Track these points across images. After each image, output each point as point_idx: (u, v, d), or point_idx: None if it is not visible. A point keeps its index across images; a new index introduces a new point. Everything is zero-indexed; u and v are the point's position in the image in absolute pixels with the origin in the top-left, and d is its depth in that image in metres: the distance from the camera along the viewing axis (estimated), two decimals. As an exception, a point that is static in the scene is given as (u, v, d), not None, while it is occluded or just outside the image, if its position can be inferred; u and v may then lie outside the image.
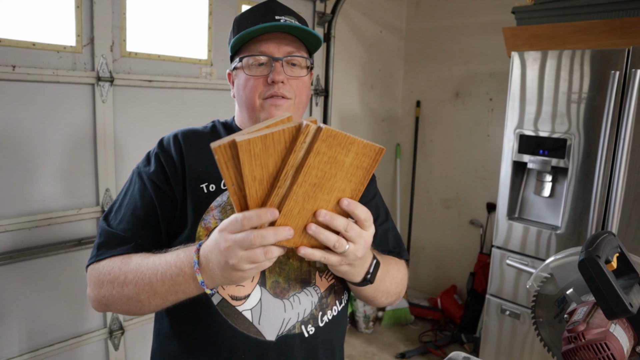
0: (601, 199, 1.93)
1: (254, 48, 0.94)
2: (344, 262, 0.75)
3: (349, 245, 0.72)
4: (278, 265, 0.92)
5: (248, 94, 0.95)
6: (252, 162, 0.63)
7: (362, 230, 0.73)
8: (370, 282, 0.84)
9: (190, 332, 0.94)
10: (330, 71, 2.99)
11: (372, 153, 0.69)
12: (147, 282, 0.81)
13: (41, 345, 1.94)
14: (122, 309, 0.87)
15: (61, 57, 1.87)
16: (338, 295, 1.00)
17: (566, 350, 0.80)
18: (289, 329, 0.92)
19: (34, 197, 1.87)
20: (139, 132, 2.13)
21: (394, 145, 3.76)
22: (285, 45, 0.94)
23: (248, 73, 0.95)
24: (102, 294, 0.87)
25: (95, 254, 0.92)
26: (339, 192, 0.70)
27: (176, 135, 0.99)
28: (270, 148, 0.63)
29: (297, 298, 0.93)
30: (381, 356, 2.95)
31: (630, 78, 1.81)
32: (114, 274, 0.85)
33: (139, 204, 0.93)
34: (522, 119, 2.16)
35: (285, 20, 0.94)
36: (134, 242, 0.90)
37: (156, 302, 0.82)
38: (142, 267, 0.82)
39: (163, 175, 0.94)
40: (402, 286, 1.02)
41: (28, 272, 1.87)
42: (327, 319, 0.97)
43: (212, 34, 2.34)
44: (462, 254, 3.47)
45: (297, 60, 0.96)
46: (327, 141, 0.65)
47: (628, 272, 0.84)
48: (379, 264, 0.86)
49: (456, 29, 3.36)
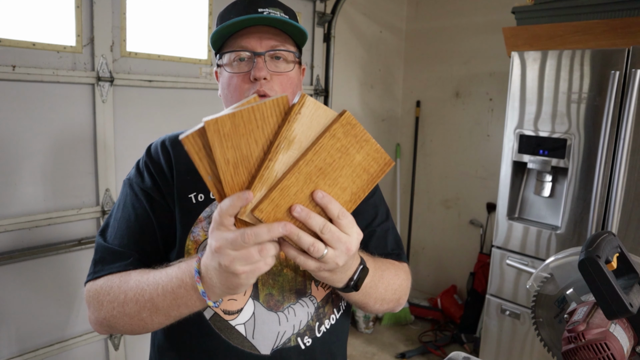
0: (601, 199, 1.93)
1: (235, 43, 0.89)
2: (323, 269, 0.68)
3: (327, 250, 0.65)
4: (271, 277, 0.89)
5: (232, 92, 0.90)
6: (223, 143, 0.59)
7: (342, 234, 0.66)
8: (354, 290, 0.77)
9: (184, 346, 0.91)
10: (330, 71, 2.99)
11: (381, 161, 0.67)
12: (148, 299, 0.77)
13: (41, 345, 1.94)
14: (125, 329, 0.82)
15: (61, 57, 1.87)
16: (336, 303, 0.96)
17: (566, 350, 0.80)
18: (285, 342, 0.89)
19: (34, 197, 1.87)
20: (139, 132, 2.13)
21: (394, 145, 3.76)
22: (267, 39, 0.88)
23: (230, 70, 0.90)
24: (102, 315, 0.83)
25: (93, 270, 0.88)
26: (340, 189, 0.66)
27: (163, 142, 0.94)
28: (241, 127, 0.60)
29: (292, 310, 0.90)
30: (381, 356, 2.95)
31: (630, 78, 1.81)
32: (113, 293, 0.81)
33: (132, 217, 0.89)
34: (522, 119, 2.16)
35: (269, 13, 0.88)
36: (131, 258, 0.86)
37: (159, 319, 0.78)
38: (142, 284, 0.78)
39: (155, 187, 0.90)
40: (400, 293, 0.95)
41: (28, 272, 1.87)
42: (324, 328, 0.94)
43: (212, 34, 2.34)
44: (462, 254, 3.47)
45: (282, 54, 0.90)
46: (346, 127, 0.63)
47: (628, 272, 0.84)
48: (366, 270, 0.78)
49: (456, 29, 3.36)
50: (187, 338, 0.90)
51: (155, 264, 0.83)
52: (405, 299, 0.98)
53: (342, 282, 0.75)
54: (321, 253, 0.65)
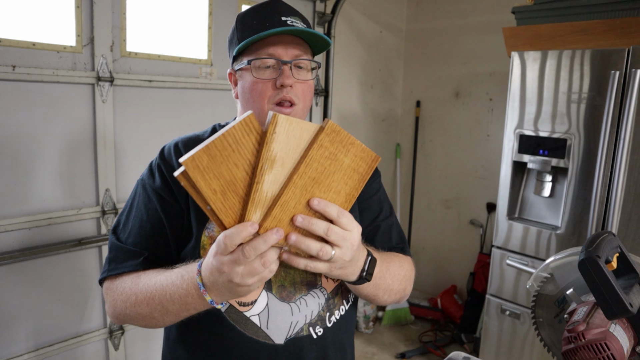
0: (601, 199, 1.93)
1: (262, 50, 0.92)
2: (334, 268, 0.73)
3: (334, 251, 0.70)
4: (283, 270, 0.93)
5: (256, 97, 0.92)
6: (205, 176, 0.62)
7: (345, 232, 0.70)
8: (367, 280, 0.82)
9: (199, 339, 0.94)
10: (330, 71, 2.99)
11: (369, 159, 0.71)
12: (157, 303, 0.82)
13: (41, 345, 1.94)
14: (139, 324, 0.89)
15: (61, 57, 1.87)
16: (345, 295, 1.00)
17: (566, 350, 0.80)
18: (297, 332, 0.93)
19: (34, 197, 1.87)
20: (139, 132, 2.13)
21: (394, 145, 3.76)
22: (292, 48, 0.92)
23: (256, 76, 0.92)
24: (117, 312, 0.90)
25: (107, 269, 0.93)
26: (334, 193, 0.70)
27: (177, 144, 0.98)
28: (218, 156, 0.63)
29: (304, 301, 0.94)
30: (381, 356, 2.95)
31: (630, 78, 1.81)
32: (126, 294, 0.88)
33: (145, 217, 0.93)
34: (522, 119, 2.16)
35: (292, 22, 0.92)
36: (142, 257, 0.91)
37: (170, 318, 0.84)
38: (151, 288, 0.84)
39: (167, 187, 0.94)
40: (406, 283, 1.00)
41: (28, 272, 1.87)
42: (334, 319, 0.98)
43: (212, 34, 2.34)
44: (462, 254, 3.47)
45: (304, 63, 0.94)
46: (331, 136, 0.66)
47: (628, 272, 0.84)
48: (375, 261, 0.83)
49: (456, 29, 3.36)
50: (202, 330, 0.93)
51: (166, 263, 0.89)
52: (410, 289, 1.03)
53: (355, 274, 0.80)
54: (330, 255, 0.69)
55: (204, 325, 0.92)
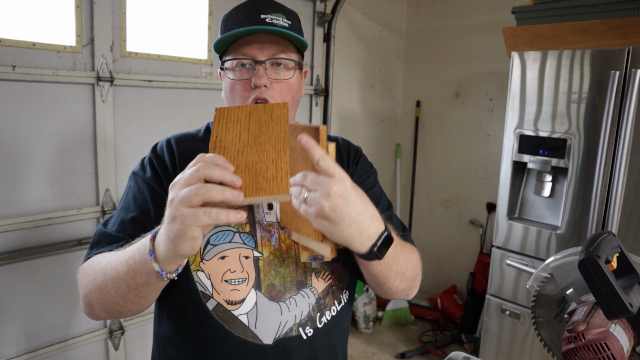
0: (601, 199, 1.93)
1: (238, 50, 0.93)
2: (321, 218, 0.69)
3: (307, 194, 0.69)
4: (273, 268, 0.92)
5: (234, 97, 0.95)
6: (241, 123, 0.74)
7: (320, 177, 0.68)
8: (377, 257, 0.76)
9: (188, 337, 0.93)
10: (330, 71, 2.99)
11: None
12: (113, 267, 0.80)
13: (41, 345, 1.94)
14: (100, 305, 0.84)
15: (61, 57, 1.87)
16: (336, 295, 0.98)
17: (566, 350, 0.80)
18: (286, 332, 0.92)
19: (34, 197, 1.87)
20: (139, 132, 2.13)
21: (394, 145, 3.76)
22: (269, 47, 0.91)
23: (232, 77, 0.94)
24: (84, 292, 0.87)
25: (88, 254, 0.92)
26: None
27: (169, 140, 0.99)
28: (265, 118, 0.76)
29: (294, 300, 0.93)
30: (381, 356, 2.95)
31: (630, 78, 1.81)
32: (93, 268, 0.86)
33: (132, 206, 0.93)
34: (522, 119, 2.16)
35: (271, 19, 0.91)
36: (124, 241, 0.88)
37: (120, 289, 0.79)
38: (115, 255, 0.82)
39: (157, 180, 0.94)
40: (417, 271, 0.94)
41: (28, 272, 1.87)
42: (325, 319, 0.96)
43: (212, 34, 2.34)
44: (462, 254, 3.47)
45: (283, 61, 0.93)
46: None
47: (628, 272, 0.84)
48: (390, 240, 0.77)
49: (456, 29, 3.36)
50: (190, 329, 0.92)
51: None
52: (420, 279, 0.97)
53: (358, 241, 0.73)
54: (303, 196, 0.70)
55: (192, 325, 0.91)
